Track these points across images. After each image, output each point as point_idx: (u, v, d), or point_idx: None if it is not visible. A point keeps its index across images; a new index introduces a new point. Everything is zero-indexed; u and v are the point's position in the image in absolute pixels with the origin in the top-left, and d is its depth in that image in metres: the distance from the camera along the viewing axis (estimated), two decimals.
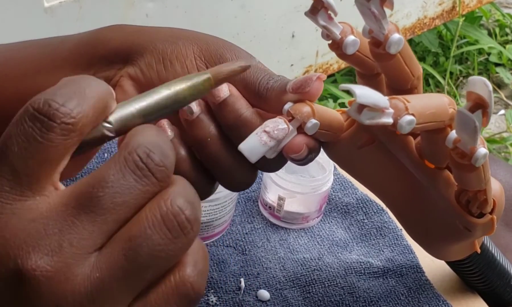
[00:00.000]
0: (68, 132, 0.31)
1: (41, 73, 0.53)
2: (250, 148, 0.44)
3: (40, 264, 0.29)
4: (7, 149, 0.30)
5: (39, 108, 0.30)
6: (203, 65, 0.49)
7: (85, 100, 0.31)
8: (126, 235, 0.30)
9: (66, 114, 0.30)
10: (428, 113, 0.45)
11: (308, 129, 0.46)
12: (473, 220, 0.51)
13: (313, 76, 0.47)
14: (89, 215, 0.30)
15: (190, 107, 0.47)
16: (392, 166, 0.53)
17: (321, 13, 0.47)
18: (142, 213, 0.31)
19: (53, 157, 0.31)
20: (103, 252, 0.30)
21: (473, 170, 0.46)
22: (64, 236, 0.30)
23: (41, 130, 0.30)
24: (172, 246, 0.31)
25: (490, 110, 0.42)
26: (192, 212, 0.31)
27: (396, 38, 0.46)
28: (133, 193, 0.31)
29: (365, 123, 0.42)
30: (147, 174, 0.31)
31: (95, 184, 0.30)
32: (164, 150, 0.32)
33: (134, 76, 0.50)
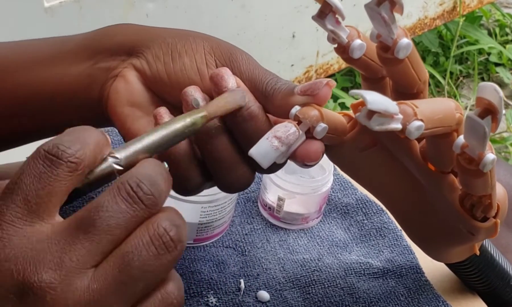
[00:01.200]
0: (73, 170, 0.36)
1: (41, 65, 0.53)
2: (262, 154, 0.44)
3: (45, 277, 0.34)
4: (21, 182, 0.35)
5: (50, 149, 0.36)
6: (213, 60, 0.49)
7: (86, 145, 0.37)
8: (120, 252, 0.35)
9: (72, 155, 0.36)
10: (436, 118, 0.44)
11: (317, 133, 0.46)
12: (477, 224, 0.51)
13: (323, 81, 0.47)
14: (86, 235, 0.35)
15: (197, 100, 0.47)
16: (394, 169, 0.53)
17: (329, 17, 0.47)
18: (134, 234, 0.36)
19: (58, 190, 0.36)
20: (100, 267, 0.35)
21: (481, 176, 0.45)
22: (65, 253, 0.35)
23: (51, 166, 0.36)
24: (158, 262, 0.35)
25: (499, 116, 0.41)
26: (176, 233, 0.36)
27: (405, 43, 0.46)
28: (125, 217, 0.36)
29: (375, 129, 0.42)
30: (137, 201, 0.36)
31: (92, 209, 0.35)
32: (154, 181, 0.36)
33: (140, 68, 0.50)
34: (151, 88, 0.50)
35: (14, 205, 0.35)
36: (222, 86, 0.47)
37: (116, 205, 0.35)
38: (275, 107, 0.48)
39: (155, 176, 0.37)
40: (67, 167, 0.36)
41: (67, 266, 0.34)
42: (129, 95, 0.50)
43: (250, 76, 0.49)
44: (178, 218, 0.37)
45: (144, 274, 0.35)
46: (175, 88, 0.49)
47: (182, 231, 0.37)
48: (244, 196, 0.76)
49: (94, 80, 0.51)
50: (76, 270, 0.34)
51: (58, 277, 0.34)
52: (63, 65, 0.52)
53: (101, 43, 0.52)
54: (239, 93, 0.46)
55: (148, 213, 0.36)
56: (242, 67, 0.49)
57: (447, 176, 0.50)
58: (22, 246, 0.35)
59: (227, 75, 0.47)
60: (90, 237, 0.35)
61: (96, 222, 0.35)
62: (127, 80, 0.50)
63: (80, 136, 0.37)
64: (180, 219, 0.37)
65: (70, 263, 0.34)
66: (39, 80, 0.53)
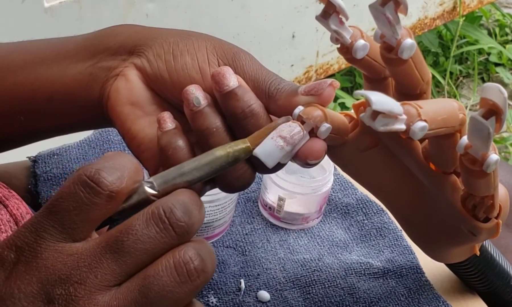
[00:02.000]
0: (111, 199, 0.36)
1: (42, 64, 0.53)
2: (267, 153, 0.44)
3: (71, 290, 0.35)
4: (59, 205, 0.36)
5: (91, 176, 0.36)
6: (215, 60, 0.49)
7: (125, 174, 0.37)
8: (143, 274, 0.36)
9: (112, 184, 0.36)
10: (439, 119, 0.44)
11: (321, 133, 0.46)
12: (479, 224, 0.51)
13: (327, 81, 0.47)
14: (113, 255, 0.36)
15: (198, 98, 0.47)
16: (395, 170, 0.53)
17: (333, 18, 0.47)
18: (160, 259, 0.36)
19: (94, 217, 0.37)
20: (123, 286, 0.36)
21: (484, 177, 0.45)
22: (91, 269, 0.36)
23: (90, 194, 0.36)
24: (178, 289, 0.36)
25: (504, 116, 0.41)
26: (201, 264, 0.36)
27: (409, 44, 0.45)
28: (153, 242, 0.36)
29: (379, 130, 0.42)
30: (168, 228, 0.36)
31: (123, 230, 0.36)
32: (188, 209, 0.37)
33: (141, 66, 0.50)
34: (152, 87, 0.50)
35: (49, 226, 0.36)
36: (224, 85, 0.47)
37: (146, 230, 0.36)
38: (278, 107, 0.48)
39: (190, 205, 0.37)
40: (106, 197, 0.36)
41: (91, 283, 0.35)
42: (129, 94, 0.50)
43: (253, 76, 0.49)
44: (207, 250, 0.37)
45: (162, 299, 0.35)
46: (176, 87, 0.49)
47: (208, 262, 0.37)
48: (245, 196, 0.75)
49: (95, 79, 0.51)
50: (99, 287, 0.35)
51: (82, 291, 0.35)
52: (64, 65, 0.52)
53: (102, 42, 0.52)
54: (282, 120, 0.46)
55: (177, 241, 0.36)
56: (245, 67, 0.49)
57: (449, 176, 0.50)
58: (54, 259, 0.36)
59: (229, 74, 0.47)
60: (116, 258, 0.36)
61: (123, 244, 0.36)
62: (128, 79, 0.50)
63: (120, 165, 0.37)
64: (209, 251, 0.37)
65: (94, 280, 0.35)
66: (39, 80, 0.53)
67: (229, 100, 0.47)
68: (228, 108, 0.47)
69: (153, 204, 0.37)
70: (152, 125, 0.49)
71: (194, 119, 0.47)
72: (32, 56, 0.54)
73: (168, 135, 0.47)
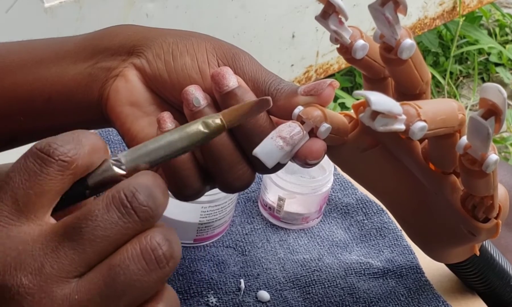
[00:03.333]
0: (64, 169, 0.35)
1: (41, 64, 0.53)
2: (267, 153, 0.44)
3: (24, 281, 0.33)
4: (11, 180, 0.34)
5: (41, 147, 0.35)
6: (215, 60, 0.49)
7: (80, 146, 0.35)
8: (107, 264, 0.33)
9: (64, 153, 0.35)
10: (439, 119, 0.44)
11: (321, 133, 0.46)
12: (479, 225, 0.51)
13: (326, 81, 0.47)
14: (71, 243, 0.33)
15: (198, 99, 0.47)
16: (395, 170, 0.53)
17: (332, 18, 0.47)
18: (124, 246, 0.34)
19: (49, 190, 0.34)
20: (84, 278, 0.33)
21: (483, 177, 0.45)
22: (47, 259, 0.33)
23: (41, 165, 0.34)
24: (147, 278, 0.33)
25: (503, 117, 0.41)
26: (169, 249, 0.34)
27: (408, 44, 0.45)
28: (114, 228, 0.34)
29: (379, 130, 0.42)
30: (130, 212, 0.34)
31: (81, 216, 0.34)
32: (151, 192, 0.34)
33: (140, 67, 0.50)
34: (152, 87, 0.50)
35: (1, 203, 0.34)
36: (223, 85, 0.47)
37: (107, 215, 0.34)
38: (278, 108, 0.48)
39: (154, 188, 0.35)
40: (57, 166, 0.34)
41: (47, 273, 0.33)
42: (129, 95, 0.50)
43: (253, 76, 0.49)
44: (172, 234, 0.35)
45: (130, 289, 0.33)
46: (176, 87, 0.49)
47: (175, 247, 0.35)
48: (244, 196, 0.76)
49: (94, 80, 0.51)
50: (57, 278, 0.33)
51: (37, 283, 0.33)
52: (63, 65, 0.52)
53: (101, 43, 0.52)
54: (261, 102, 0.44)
55: (141, 227, 0.34)
56: (245, 68, 0.49)
57: (449, 176, 0.50)
58: (5, 247, 0.33)
59: (228, 74, 0.47)
60: (75, 246, 0.33)
61: (82, 231, 0.33)
62: (127, 80, 0.50)
63: (74, 137, 0.36)
64: (174, 235, 0.35)
65: (50, 270, 0.33)
66: (38, 80, 0.53)
67: (229, 101, 0.47)
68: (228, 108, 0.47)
69: (114, 188, 0.34)
70: (152, 125, 0.49)
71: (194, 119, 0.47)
72: (31, 56, 0.54)
73: None
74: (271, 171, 0.48)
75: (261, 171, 0.48)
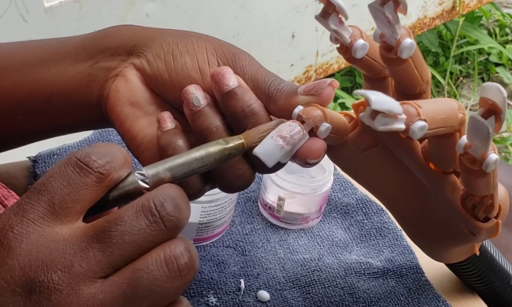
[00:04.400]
0: (100, 181, 0.36)
1: (42, 65, 0.53)
2: (267, 153, 0.44)
3: (54, 277, 0.34)
4: (49, 184, 0.36)
5: (81, 157, 0.36)
6: (215, 60, 0.49)
7: (115, 159, 0.37)
8: (132, 268, 0.35)
9: (102, 166, 0.37)
10: (439, 118, 0.44)
11: (321, 133, 0.46)
12: (479, 224, 0.51)
13: (326, 81, 0.47)
14: (100, 245, 0.35)
15: (198, 98, 0.47)
16: (395, 170, 0.53)
17: (332, 17, 0.47)
18: (149, 253, 0.36)
19: (84, 198, 0.36)
20: (109, 279, 0.35)
21: (483, 176, 0.46)
22: (76, 258, 0.35)
23: (80, 174, 0.36)
24: (168, 284, 0.35)
25: (503, 116, 0.41)
26: (190, 260, 0.36)
27: (408, 43, 0.46)
28: (142, 235, 0.35)
29: (379, 129, 0.42)
30: (158, 221, 0.36)
31: (111, 221, 0.35)
32: (178, 204, 0.36)
33: (140, 67, 0.50)
34: (152, 87, 0.50)
35: (38, 205, 0.36)
36: (223, 84, 0.47)
37: (136, 221, 0.35)
38: (278, 107, 0.48)
39: (180, 200, 0.37)
40: (95, 177, 0.36)
41: (75, 271, 0.34)
42: (129, 94, 0.50)
43: (253, 76, 0.49)
44: (193, 246, 0.37)
45: (151, 294, 0.35)
46: (176, 87, 0.49)
47: (195, 258, 0.36)
48: (244, 196, 0.76)
49: (94, 80, 0.51)
50: (84, 277, 0.35)
51: (66, 280, 0.34)
52: (63, 65, 0.52)
53: (101, 43, 0.52)
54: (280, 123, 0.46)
55: (166, 236, 0.36)
56: (245, 67, 0.49)
57: (449, 176, 0.50)
58: (38, 244, 0.35)
59: (229, 74, 0.47)
60: (103, 248, 0.35)
61: (111, 235, 0.35)
62: (127, 79, 0.50)
63: (110, 150, 0.37)
64: (194, 248, 0.37)
65: (79, 268, 0.35)
66: (38, 81, 0.53)
67: (229, 100, 0.47)
68: (228, 108, 0.47)
69: (143, 197, 0.36)
70: (151, 125, 0.49)
71: (194, 119, 0.47)
72: (31, 56, 0.54)
73: (168, 135, 0.48)
74: (271, 170, 0.48)
75: (261, 171, 0.48)
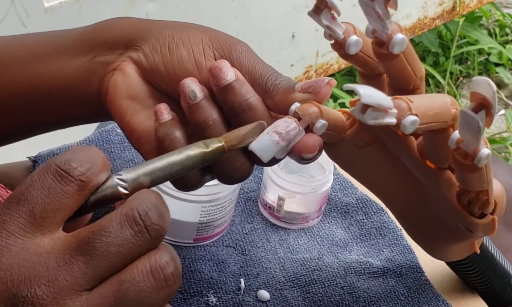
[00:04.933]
0: (81, 189, 0.36)
1: (39, 60, 0.53)
2: (262, 148, 0.45)
3: (38, 292, 0.33)
4: (29, 194, 0.35)
5: (61, 165, 0.35)
6: (211, 52, 0.49)
7: (95, 165, 0.36)
8: (117, 279, 0.34)
9: (83, 174, 0.36)
10: (431, 113, 0.45)
11: (317, 129, 0.46)
12: (475, 220, 0.51)
13: (324, 79, 0.47)
14: (84, 258, 0.34)
15: (194, 91, 0.47)
16: (393, 167, 0.53)
17: (325, 13, 0.47)
18: (134, 263, 0.35)
19: (65, 206, 0.35)
20: (95, 292, 0.34)
21: (476, 171, 0.46)
22: (61, 272, 0.34)
23: (61, 183, 0.35)
24: (155, 295, 0.34)
25: (493, 110, 0.42)
26: (176, 269, 0.35)
27: (399, 38, 0.46)
28: (127, 245, 0.35)
29: (369, 123, 0.42)
30: (143, 230, 0.35)
31: (95, 232, 0.35)
32: (161, 212, 0.36)
33: (137, 60, 0.50)
34: (149, 80, 0.51)
35: (18, 216, 0.35)
36: (221, 78, 0.47)
37: (120, 231, 0.35)
38: (274, 103, 0.48)
39: (163, 209, 0.36)
40: (76, 185, 0.35)
41: (60, 285, 0.34)
42: (127, 88, 0.50)
43: (250, 69, 0.49)
44: (177, 256, 0.36)
45: (138, 305, 0.34)
46: (173, 80, 0.49)
47: (179, 268, 0.36)
48: (244, 195, 0.76)
49: (93, 74, 0.51)
50: (69, 291, 0.34)
51: (51, 294, 0.33)
52: (61, 60, 0.52)
53: (99, 37, 0.52)
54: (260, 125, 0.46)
55: (151, 245, 0.35)
56: (242, 59, 0.49)
57: (444, 172, 0.51)
58: (19, 258, 0.34)
59: (226, 68, 0.47)
60: (88, 260, 0.34)
61: (95, 247, 0.34)
62: (125, 73, 0.50)
63: (89, 155, 0.37)
64: (178, 257, 0.36)
65: (64, 282, 0.34)
66: (37, 75, 0.53)
67: (227, 94, 0.47)
68: (226, 101, 0.47)
69: (126, 205, 0.35)
70: (150, 118, 0.50)
71: (191, 112, 0.48)
72: (29, 51, 0.54)
73: (165, 127, 0.48)
74: (267, 165, 0.48)
75: (260, 164, 0.49)
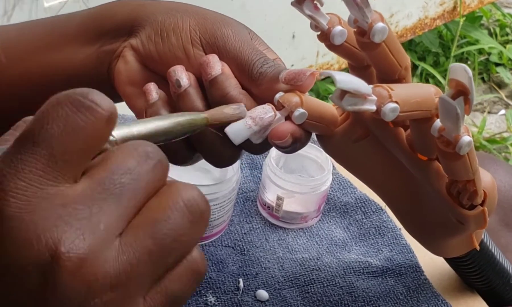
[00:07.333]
0: (108, 123, 0.31)
1: (51, 50, 0.55)
2: (235, 131, 0.46)
3: (73, 247, 0.29)
4: (46, 132, 0.29)
5: (84, 94, 0.30)
6: (197, 38, 0.50)
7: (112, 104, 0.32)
8: (150, 219, 0.31)
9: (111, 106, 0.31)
10: (412, 101, 0.45)
11: (295, 118, 0.47)
12: (464, 212, 0.52)
13: (306, 72, 0.48)
14: (114, 199, 0.30)
15: (178, 80, 0.48)
16: (386, 160, 0.54)
17: (307, 3, 0.48)
18: (162, 200, 0.32)
19: (90, 145, 0.31)
20: (128, 236, 0.31)
21: (458, 159, 0.46)
22: (94, 220, 0.30)
23: (86, 115, 0.30)
24: (192, 230, 0.32)
25: (471, 96, 0.43)
26: (207, 202, 0.33)
27: (379, 27, 0.47)
28: (149, 180, 0.32)
29: (347, 109, 0.44)
30: (157, 164, 0.32)
31: (118, 171, 0.31)
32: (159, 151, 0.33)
33: (136, 47, 0.52)
34: (147, 66, 0.52)
35: (34, 160, 0.29)
36: (208, 73, 0.48)
37: (140, 167, 0.31)
38: (260, 91, 0.49)
39: None
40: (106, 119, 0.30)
41: (96, 235, 0.30)
42: (129, 75, 0.52)
43: (236, 55, 0.49)
44: None
45: (177, 243, 0.32)
46: (166, 67, 0.50)
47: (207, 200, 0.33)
48: (243, 195, 0.76)
49: (102, 63, 0.53)
50: (105, 239, 0.30)
51: (88, 246, 0.29)
52: (71, 49, 0.54)
53: (103, 26, 0.53)
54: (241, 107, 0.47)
55: (165, 178, 0.33)
56: (228, 45, 0.50)
57: (433, 163, 0.51)
58: (42, 211, 0.29)
59: (213, 62, 0.48)
60: (119, 202, 0.31)
61: (124, 186, 0.31)
62: (126, 60, 0.52)
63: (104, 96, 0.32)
64: None
65: (99, 232, 0.30)
66: (51, 65, 0.54)
67: (211, 87, 0.48)
68: (211, 95, 0.49)
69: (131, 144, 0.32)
70: None
71: (177, 100, 0.49)
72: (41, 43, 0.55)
73: (154, 107, 0.49)
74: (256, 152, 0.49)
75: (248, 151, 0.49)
